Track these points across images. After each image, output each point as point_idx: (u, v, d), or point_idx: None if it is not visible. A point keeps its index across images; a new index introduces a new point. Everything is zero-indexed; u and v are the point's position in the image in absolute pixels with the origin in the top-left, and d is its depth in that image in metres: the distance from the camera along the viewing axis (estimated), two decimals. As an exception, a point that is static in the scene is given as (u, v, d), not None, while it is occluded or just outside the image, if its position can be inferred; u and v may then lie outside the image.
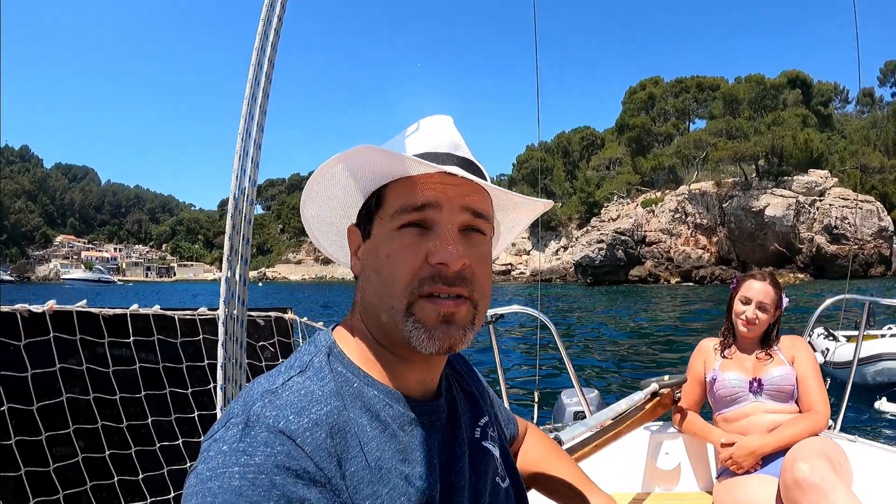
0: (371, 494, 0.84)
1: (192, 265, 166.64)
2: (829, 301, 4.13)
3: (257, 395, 0.86)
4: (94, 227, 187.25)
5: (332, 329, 1.03)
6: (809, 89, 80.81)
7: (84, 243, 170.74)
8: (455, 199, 0.93)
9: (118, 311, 2.72)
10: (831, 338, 10.15)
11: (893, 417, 8.47)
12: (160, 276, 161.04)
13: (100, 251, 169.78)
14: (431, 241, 0.91)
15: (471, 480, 1.03)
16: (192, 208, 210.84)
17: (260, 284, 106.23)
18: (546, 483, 1.42)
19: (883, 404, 8.71)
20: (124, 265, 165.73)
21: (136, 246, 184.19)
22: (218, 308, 2.32)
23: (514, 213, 1.11)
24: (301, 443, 0.80)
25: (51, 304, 2.51)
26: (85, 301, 2.64)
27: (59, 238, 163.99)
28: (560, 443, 2.03)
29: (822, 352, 9.68)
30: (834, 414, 3.33)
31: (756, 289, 3.07)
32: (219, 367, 1.66)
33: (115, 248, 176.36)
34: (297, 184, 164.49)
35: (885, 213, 57.48)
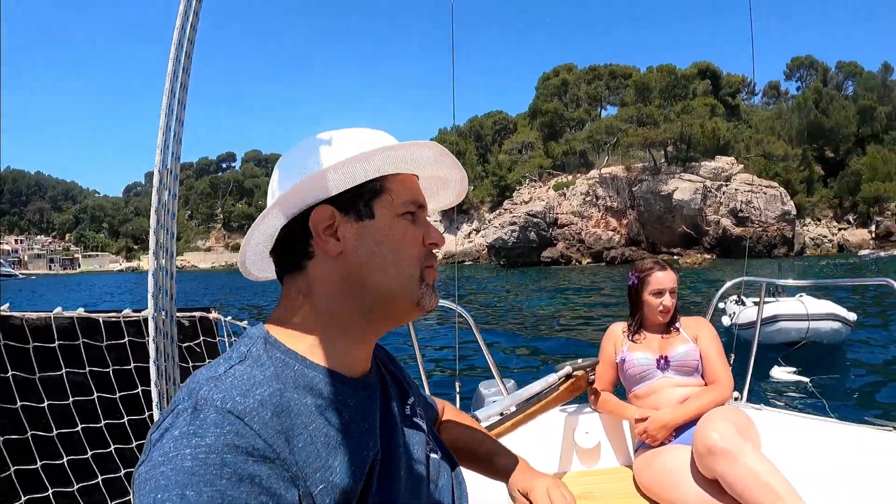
0: (322, 467, 0.89)
1: (97, 255, 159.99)
2: (728, 283, 4.50)
3: (202, 380, 0.89)
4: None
5: (264, 324, 1.07)
6: (719, 80, 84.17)
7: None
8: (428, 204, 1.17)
9: (42, 314, 2.62)
10: (740, 303, 11.82)
11: (785, 385, 9.30)
12: (64, 269, 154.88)
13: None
14: (421, 228, 1.08)
15: (407, 451, 1.09)
16: (97, 195, 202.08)
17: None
18: (466, 455, 1.51)
19: (775, 371, 9.59)
20: (26, 257, 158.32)
21: (38, 236, 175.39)
22: (143, 309, 2.71)
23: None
24: (249, 421, 0.83)
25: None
26: (8, 305, 2.55)
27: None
28: (477, 421, 2.02)
29: (731, 315, 11.57)
30: (740, 385, 3.64)
31: (664, 279, 3.30)
32: (151, 364, 1.66)
33: (15, 240, 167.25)
34: (205, 168, 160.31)
35: (788, 198, 59.75)
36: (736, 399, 3.62)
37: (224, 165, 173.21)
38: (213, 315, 3.43)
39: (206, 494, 0.76)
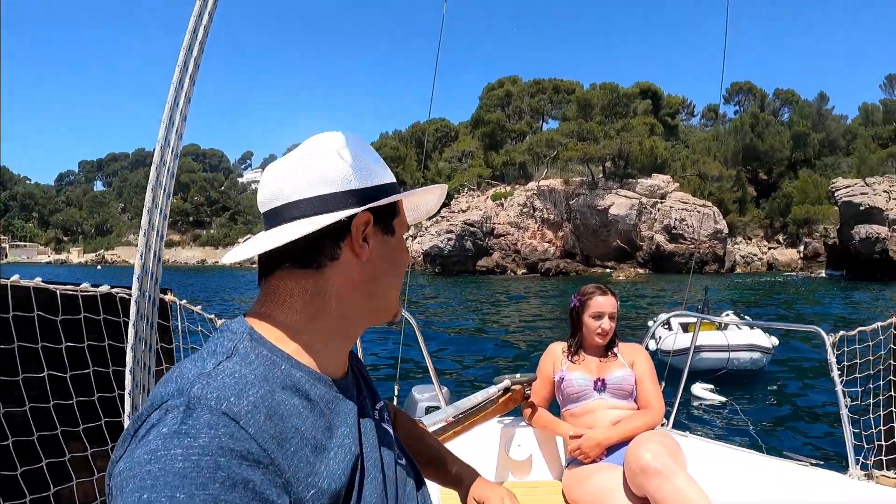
0: (311, 472, 0.88)
1: (24, 246, 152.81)
2: (663, 317, 4.87)
3: (193, 377, 0.87)
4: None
5: (245, 318, 1.05)
6: (659, 101, 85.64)
7: None
8: None
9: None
10: (667, 327, 12.18)
11: (704, 402, 10.19)
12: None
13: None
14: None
15: (381, 455, 1.10)
16: (28, 182, 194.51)
17: (98, 268, 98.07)
18: (419, 459, 1.52)
19: (695, 388, 10.43)
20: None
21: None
22: (100, 286, 2.70)
23: None
24: (244, 424, 0.81)
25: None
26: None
27: None
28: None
29: (657, 339, 11.99)
30: (666, 412, 3.68)
31: (605, 303, 3.47)
32: (128, 349, 1.64)
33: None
34: (142, 159, 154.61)
35: (721, 217, 61.01)
36: (662, 425, 3.74)
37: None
38: (168, 297, 3.36)
39: (197, 498, 0.73)
